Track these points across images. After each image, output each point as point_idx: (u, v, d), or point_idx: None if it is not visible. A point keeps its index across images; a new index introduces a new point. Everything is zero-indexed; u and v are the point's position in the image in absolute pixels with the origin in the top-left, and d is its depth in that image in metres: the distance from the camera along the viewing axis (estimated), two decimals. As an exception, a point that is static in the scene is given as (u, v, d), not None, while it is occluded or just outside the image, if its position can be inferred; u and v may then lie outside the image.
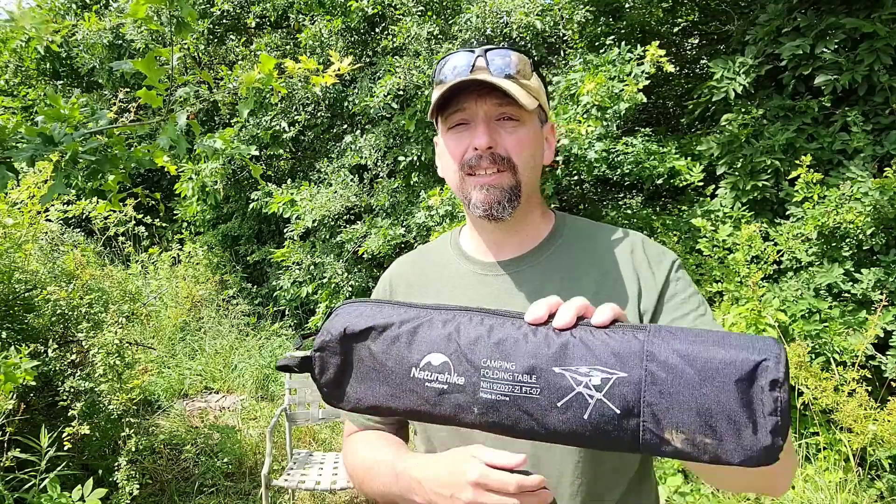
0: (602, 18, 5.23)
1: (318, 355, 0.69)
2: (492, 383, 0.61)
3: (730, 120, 4.02)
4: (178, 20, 1.32)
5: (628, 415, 0.57)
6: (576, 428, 0.58)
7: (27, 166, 1.29)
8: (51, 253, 4.07)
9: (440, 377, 0.64)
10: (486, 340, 0.63)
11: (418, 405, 0.65)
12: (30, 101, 6.77)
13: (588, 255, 1.01)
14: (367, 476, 1.00)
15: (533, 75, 0.98)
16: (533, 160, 0.97)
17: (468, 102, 0.94)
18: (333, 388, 0.70)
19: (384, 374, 0.67)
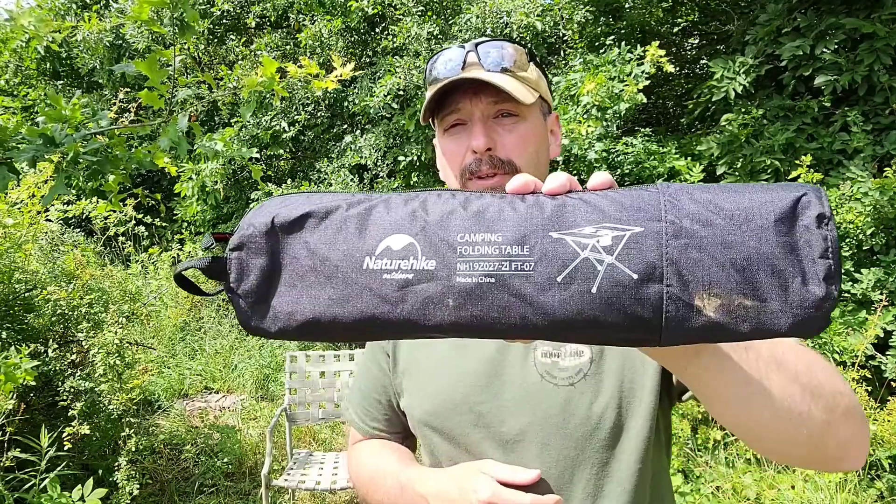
0: (602, 18, 5.23)
1: (235, 255, 0.51)
2: (472, 262, 0.47)
3: (730, 120, 4.02)
4: (180, 22, 1.32)
5: (649, 279, 0.44)
6: (582, 307, 0.45)
7: (28, 167, 1.29)
8: (51, 253, 4.07)
9: (403, 264, 0.48)
10: (461, 213, 0.49)
11: (374, 308, 0.48)
12: (30, 101, 6.77)
13: None
14: (372, 487, 0.97)
15: (530, 66, 0.91)
16: (537, 157, 0.90)
17: (462, 102, 0.88)
18: (256, 301, 0.51)
19: (326, 271, 0.49)
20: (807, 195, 0.45)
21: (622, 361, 0.84)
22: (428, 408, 0.91)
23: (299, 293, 0.50)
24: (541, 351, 0.86)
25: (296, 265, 0.50)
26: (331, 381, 3.40)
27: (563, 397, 0.83)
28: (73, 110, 1.34)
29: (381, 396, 1.03)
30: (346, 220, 0.50)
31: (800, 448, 0.63)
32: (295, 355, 3.42)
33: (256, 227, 0.51)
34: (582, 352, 0.85)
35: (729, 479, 3.04)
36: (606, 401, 0.82)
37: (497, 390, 0.87)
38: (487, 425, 0.86)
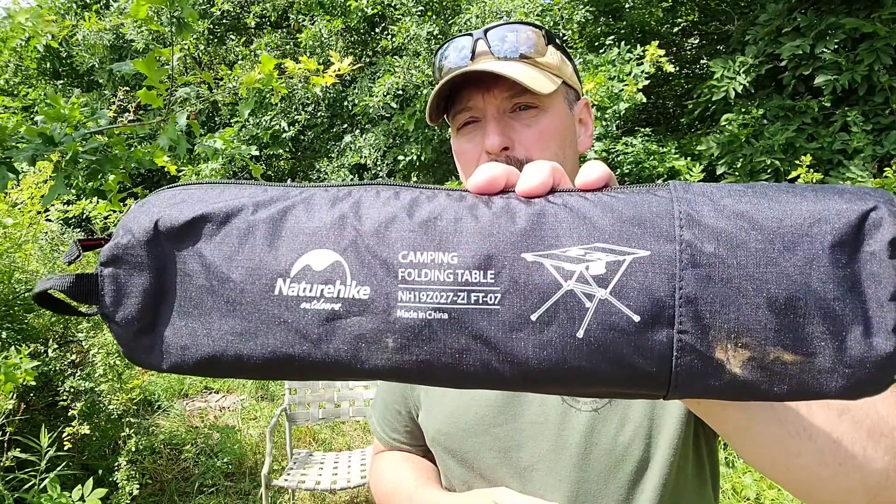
0: (602, 18, 5.24)
1: (108, 272, 0.37)
2: (417, 291, 0.34)
3: (730, 120, 4.02)
4: (178, 21, 1.32)
5: (655, 322, 0.33)
6: (564, 355, 0.33)
7: (27, 166, 1.29)
8: (51, 253, 4.07)
9: (327, 290, 0.35)
10: (404, 221, 0.36)
11: (289, 346, 0.36)
12: (30, 100, 6.77)
13: None
14: (387, 502, 0.93)
15: (548, 49, 0.79)
16: (562, 151, 0.78)
17: (474, 98, 0.77)
18: (140, 331, 0.38)
19: (227, 295, 0.36)
20: (877, 209, 0.33)
21: None
22: (441, 427, 0.85)
23: (194, 323, 0.37)
24: None
25: (188, 286, 0.37)
26: (331, 381, 3.40)
27: (585, 424, 0.75)
28: (72, 109, 1.34)
29: (402, 408, 0.97)
30: (252, 226, 0.37)
31: (855, 498, 0.50)
32: (295, 355, 3.42)
33: (136, 235, 0.37)
34: None
35: (729, 479, 3.04)
36: (634, 430, 0.73)
37: (515, 413, 0.79)
38: (503, 450, 0.78)
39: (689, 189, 0.35)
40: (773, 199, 0.34)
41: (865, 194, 0.33)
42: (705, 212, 0.33)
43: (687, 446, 0.74)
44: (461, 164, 0.82)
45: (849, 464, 0.48)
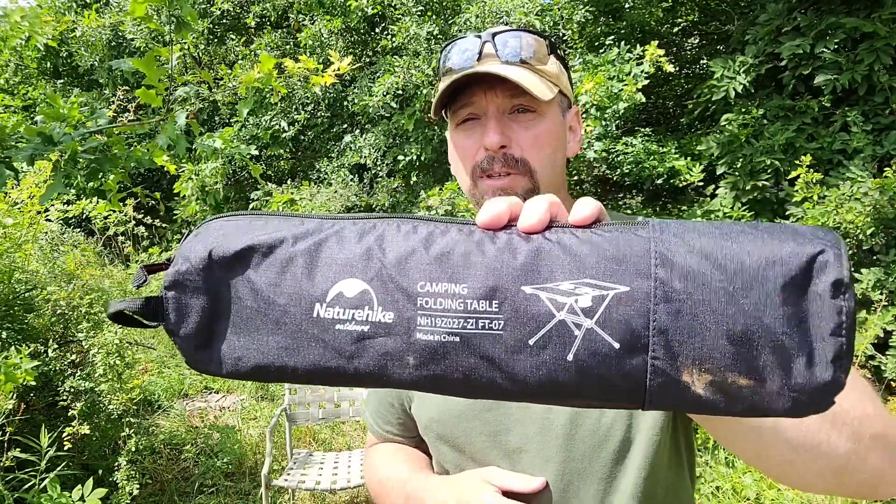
0: (602, 18, 5.23)
1: (171, 295, 0.45)
2: (434, 317, 0.42)
3: (730, 120, 4.02)
4: (177, 19, 1.31)
5: (632, 349, 0.39)
6: (557, 375, 0.40)
7: (27, 165, 1.29)
8: (51, 253, 4.07)
9: (357, 314, 0.43)
10: (422, 255, 0.43)
11: (327, 360, 0.44)
12: (30, 100, 6.77)
13: None
14: (382, 493, 0.95)
15: (550, 58, 0.85)
16: (554, 156, 0.85)
17: (477, 96, 0.82)
18: (200, 345, 0.46)
19: (273, 316, 0.44)
20: (824, 253, 0.38)
21: None
22: (433, 415, 0.89)
23: (246, 339, 0.45)
24: None
25: (240, 307, 0.45)
26: (330, 381, 3.40)
27: (571, 409, 0.79)
28: (71, 109, 1.34)
29: (395, 400, 1.01)
30: (292, 257, 0.44)
31: (824, 480, 0.59)
32: (295, 355, 3.42)
33: (193, 263, 0.45)
34: None
35: (729, 479, 3.04)
36: (615, 414, 0.79)
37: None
38: (493, 434, 0.84)
39: (666, 229, 0.41)
40: (736, 241, 0.40)
41: (816, 238, 0.39)
42: (678, 251, 0.40)
43: (665, 430, 0.80)
44: (459, 156, 0.87)
45: (815, 450, 0.56)
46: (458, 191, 4.09)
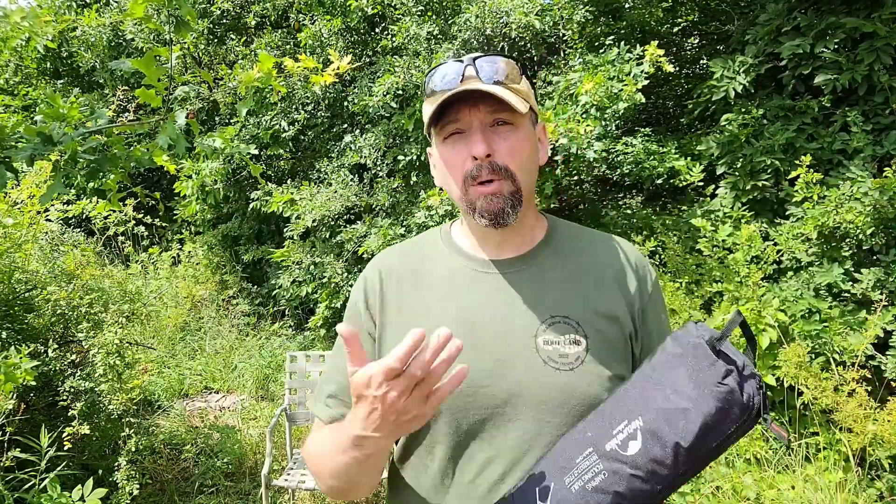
0: (602, 18, 5.23)
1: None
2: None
3: (730, 120, 4.02)
4: (177, 19, 1.32)
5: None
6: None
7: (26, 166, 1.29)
8: (51, 253, 4.07)
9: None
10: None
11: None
12: (30, 100, 6.77)
13: (583, 256, 1.06)
14: (319, 459, 0.97)
15: (522, 79, 0.99)
16: (529, 163, 0.99)
17: (462, 112, 0.95)
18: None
19: None
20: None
21: (611, 353, 0.98)
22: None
23: None
24: (542, 339, 0.96)
25: None
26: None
27: (565, 381, 0.94)
28: (70, 109, 1.34)
29: None
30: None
31: None
32: (295, 355, 3.42)
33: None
34: (579, 341, 0.96)
35: (729, 479, 3.04)
36: (602, 382, 0.95)
37: (502, 375, 0.95)
38: (490, 406, 0.95)
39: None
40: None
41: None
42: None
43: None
44: (448, 167, 0.99)
45: None
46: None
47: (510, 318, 0.98)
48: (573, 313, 0.98)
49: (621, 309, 1.00)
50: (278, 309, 6.12)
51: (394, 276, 1.08)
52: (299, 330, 5.94)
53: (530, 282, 1.01)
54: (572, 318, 0.97)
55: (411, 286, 1.06)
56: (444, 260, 1.08)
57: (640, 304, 1.02)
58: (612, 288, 1.02)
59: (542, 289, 1.00)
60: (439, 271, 1.06)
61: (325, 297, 4.92)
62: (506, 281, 1.02)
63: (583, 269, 1.04)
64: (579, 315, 0.98)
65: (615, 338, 0.98)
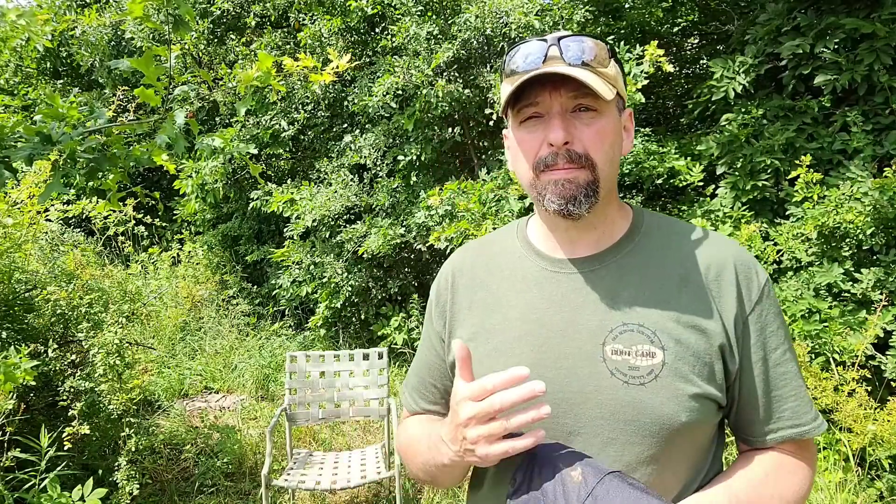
0: (602, 18, 5.23)
1: None
2: None
3: (730, 120, 4.02)
4: (175, 18, 1.31)
5: None
6: None
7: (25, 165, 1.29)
8: (51, 253, 4.08)
9: None
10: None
11: None
12: (30, 100, 6.77)
13: (670, 254, 0.94)
14: (410, 450, 1.03)
15: (610, 62, 0.90)
16: (612, 152, 0.90)
17: (542, 95, 0.87)
18: None
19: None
20: None
21: (694, 368, 0.86)
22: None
23: None
24: (610, 348, 0.87)
25: None
26: (331, 381, 3.40)
27: (633, 396, 0.85)
28: (70, 108, 1.34)
29: (437, 381, 1.08)
30: None
31: None
32: (295, 355, 3.42)
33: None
34: (654, 353, 0.86)
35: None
36: (679, 402, 0.84)
37: (563, 382, 0.88)
38: (550, 415, 0.88)
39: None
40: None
41: None
42: None
43: (718, 425, 0.94)
44: (522, 150, 0.91)
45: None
46: (458, 191, 4.09)
47: (578, 322, 0.90)
48: (649, 321, 0.87)
49: (712, 318, 0.88)
50: (278, 309, 6.12)
51: (466, 273, 1.06)
52: (299, 330, 5.94)
53: (604, 283, 0.92)
54: (648, 327, 0.87)
55: (482, 284, 1.02)
56: (516, 257, 1.02)
57: (739, 312, 0.89)
58: (701, 292, 0.89)
59: (616, 291, 0.91)
60: (510, 269, 1.01)
61: (325, 297, 4.92)
62: (578, 282, 0.94)
63: (667, 269, 0.92)
64: (656, 323, 0.87)
65: (701, 351, 0.86)
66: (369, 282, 5.00)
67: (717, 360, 0.87)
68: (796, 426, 0.90)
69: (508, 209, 3.86)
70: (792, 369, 0.90)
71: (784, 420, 0.90)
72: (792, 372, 0.90)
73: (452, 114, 4.63)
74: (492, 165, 4.56)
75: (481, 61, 4.77)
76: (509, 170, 1.02)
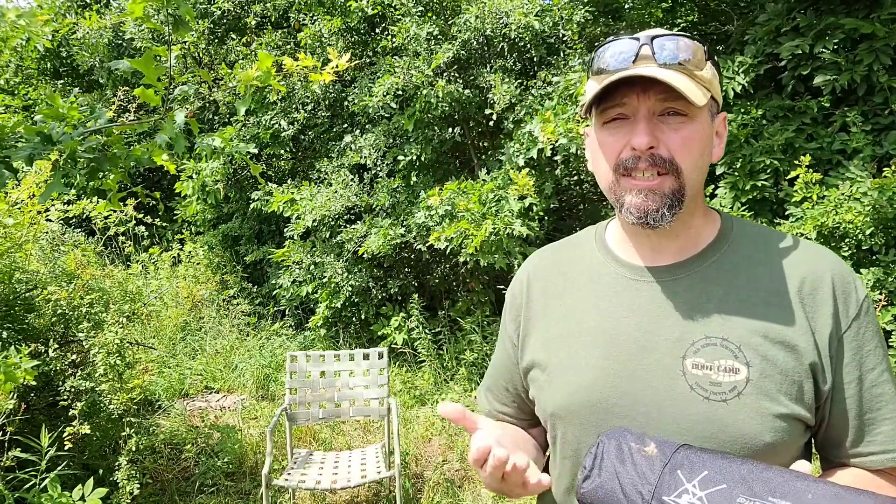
0: (601, 19, 5.24)
1: None
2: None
3: (729, 120, 4.02)
4: (175, 18, 1.32)
5: None
6: None
7: (26, 165, 1.29)
8: (51, 253, 4.08)
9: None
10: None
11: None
12: (30, 100, 6.78)
13: (760, 265, 0.88)
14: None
15: (706, 64, 0.85)
16: (700, 160, 0.85)
17: (629, 97, 0.83)
18: None
19: None
20: None
21: (781, 387, 0.81)
22: (560, 402, 0.92)
23: None
24: (691, 361, 0.83)
25: None
26: (331, 381, 3.41)
27: (713, 412, 0.81)
28: (70, 108, 1.35)
29: (509, 384, 1.06)
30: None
31: None
32: (295, 355, 3.43)
33: None
34: (738, 369, 0.81)
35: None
36: (763, 421, 0.79)
37: (638, 394, 0.85)
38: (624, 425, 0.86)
39: None
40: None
41: None
42: None
43: (804, 446, 0.88)
44: (604, 153, 0.87)
45: None
46: (458, 191, 4.10)
47: (657, 333, 0.86)
48: (734, 335, 0.82)
49: (803, 334, 0.82)
50: (279, 309, 6.13)
51: (542, 277, 1.03)
52: (299, 330, 5.94)
53: (686, 293, 0.87)
54: (732, 341, 0.82)
55: (558, 289, 0.99)
56: (593, 263, 0.98)
57: (834, 329, 0.83)
58: (793, 307, 0.84)
59: (700, 302, 0.86)
60: (587, 275, 0.97)
61: (325, 297, 4.92)
62: (658, 291, 0.89)
63: (757, 281, 0.86)
64: (742, 338, 0.82)
65: (789, 369, 0.81)
66: (369, 282, 5.00)
67: (808, 378, 0.82)
68: (889, 451, 0.83)
69: (508, 209, 3.86)
70: (889, 391, 0.84)
71: (877, 444, 0.83)
72: (889, 394, 0.83)
73: (452, 114, 4.64)
74: (492, 165, 4.56)
75: (481, 62, 4.77)
76: (589, 170, 0.95)
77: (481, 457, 0.77)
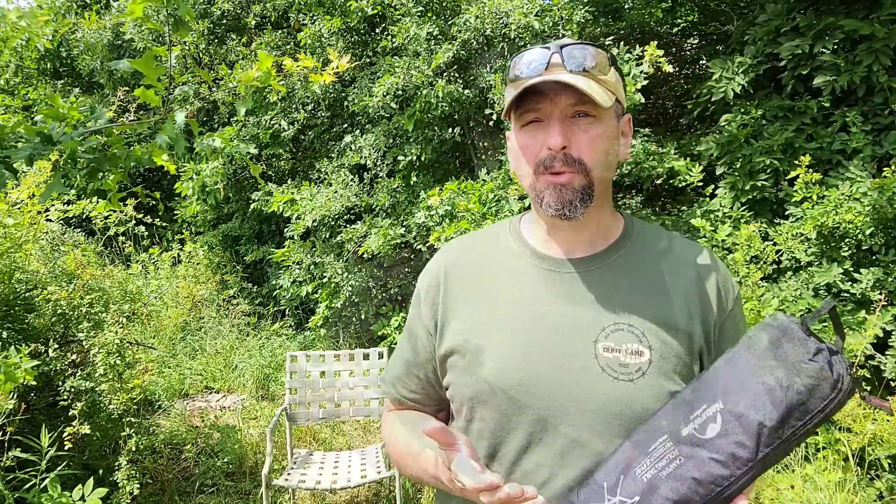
0: (601, 19, 5.24)
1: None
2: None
3: (729, 120, 4.02)
4: (175, 19, 1.32)
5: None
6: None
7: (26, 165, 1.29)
8: (51, 253, 4.08)
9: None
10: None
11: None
12: (30, 100, 6.78)
13: (658, 261, 1.00)
14: (400, 460, 1.09)
15: (611, 69, 0.95)
16: (607, 158, 0.95)
17: (543, 102, 0.92)
18: None
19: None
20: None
21: (676, 367, 0.92)
22: (482, 386, 0.97)
23: None
24: (602, 345, 0.93)
25: None
26: (331, 381, 3.41)
27: (622, 391, 0.90)
28: (70, 109, 1.35)
29: (420, 372, 1.11)
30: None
31: None
32: (295, 355, 3.43)
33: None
34: (642, 352, 0.91)
35: (728, 478, 3.04)
36: (661, 398, 0.89)
37: (555, 376, 0.93)
38: (539, 408, 0.93)
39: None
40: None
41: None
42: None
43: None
44: (524, 154, 0.96)
45: None
46: (458, 191, 4.09)
47: (571, 320, 0.95)
48: (638, 322, 0.93)
49: (694, 322, 0.95)
50: (278, 309, 6.13)
51: (460, 267, 1.08)
52: (299, 330, 5.94)
53: (597, 284, 0.97)
54: (637, 327, 0.93)
55: (478, 279, 1.05)
56: (512, 254, 1.05)
57: (717, 319, 0.96)
58: (686, 298, 0.96)
59: (608, 293, 0.96)
60: (507, 266, 1.04)
61: (326, 297, 4.92)
62: (572, 281, 0.98)
63: (656, 275, 0.98)
64: (645, 324, 0.93)
65: (682, 353, 0.93)
66: (369, 282, 5.00)
67: (696, 361, 0.94)
68: None
69: (508, 209, 3.86)
70: None
71: None
72: None
73: (452, 114, 4.64)
74: (492, 165, 4.56)
75: (481, 62, 4.77)
76: (510, 170, 1.07)
77: (488, 490, 0.78)
